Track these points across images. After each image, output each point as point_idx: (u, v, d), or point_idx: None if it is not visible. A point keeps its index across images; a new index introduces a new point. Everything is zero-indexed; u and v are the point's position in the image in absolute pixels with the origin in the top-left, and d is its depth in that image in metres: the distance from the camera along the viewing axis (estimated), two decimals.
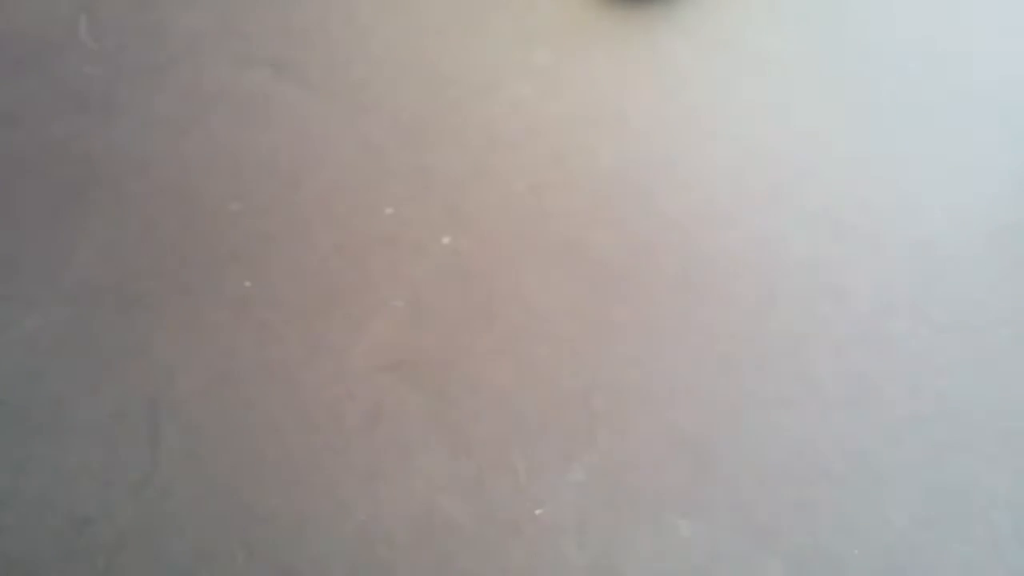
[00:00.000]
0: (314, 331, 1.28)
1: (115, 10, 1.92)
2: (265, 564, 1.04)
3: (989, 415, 1.16)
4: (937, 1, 1.90)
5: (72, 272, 1.38)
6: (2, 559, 1.05)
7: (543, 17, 1.89)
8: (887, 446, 1.13)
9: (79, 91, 1.72)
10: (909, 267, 1.35)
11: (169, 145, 1.60)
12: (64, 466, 1.13)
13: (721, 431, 1.15)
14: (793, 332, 1.27)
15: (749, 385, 1.20)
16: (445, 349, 1.26)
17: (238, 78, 1.75)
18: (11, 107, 1.69)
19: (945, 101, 1.65)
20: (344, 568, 1.03)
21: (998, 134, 1.58)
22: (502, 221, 1.44)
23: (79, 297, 1.34)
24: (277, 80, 1.74)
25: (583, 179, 1.51)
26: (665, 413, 1.18)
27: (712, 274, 1.35)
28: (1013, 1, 1.88)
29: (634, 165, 1.54)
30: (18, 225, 1.45)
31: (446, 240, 1.41)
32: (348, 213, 1.46)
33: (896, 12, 1.87)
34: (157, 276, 1.37)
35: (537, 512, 1.08)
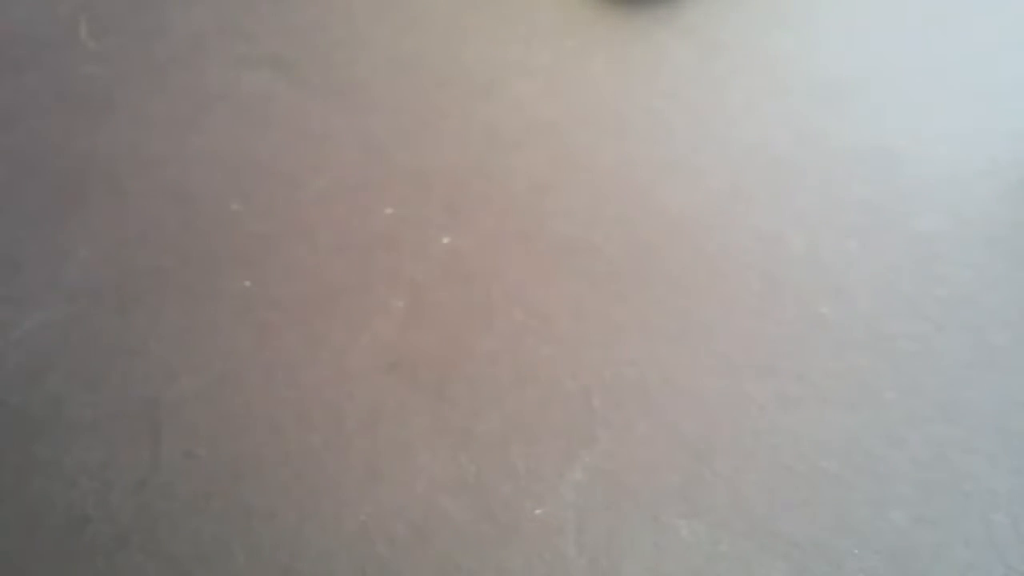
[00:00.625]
0: (314, 331, 1.28)
1: (115, 10, 1.92)
2: (265, 564, 1.04)
3: (989, 415, 1.16)
4: (937, 3, 1.90)
5: (72, 272, 1.38)
6: (2, 559, 1.05)
7: (543, 17, 1.89)
8: (887, 446, 1.13)
9: (79, 91, 1.72)
10: (909, 267, 1.35)
11: (169, 145, 1.60)
12: (64, 466, 1.13)
13: (721, 431, 1.15)
14: (793, 332, 1.27)
15: (749, 385, 1.20)
16: (445, 349, 1.26)
17: (238, 78, 1.75)
18: (11, 107, 1.69)
19: (945, 101, 1.65)
20: (344, 568, 1.03)
21: (998, 133, 1.58)
22: (502, 221, 1.44)
23: (79, 297, 1.34)
24: (277, 80, 1.74)
25: (583, 179, 1.51)
26: (665, 413, 1.18)
27: (712, 274, 1.35)
28: (1012, 5, 1.89)
29: (634, 165, 1.54)
30: (18, 225, 1.46)
31: (446, 240, 1.41)
32: (348, 213, 1.46)
33: (895, 13, 1.87)
34: (157, 276, 1.37)
35: (537, 512, 1.08)
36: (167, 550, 1.05)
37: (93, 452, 1.15)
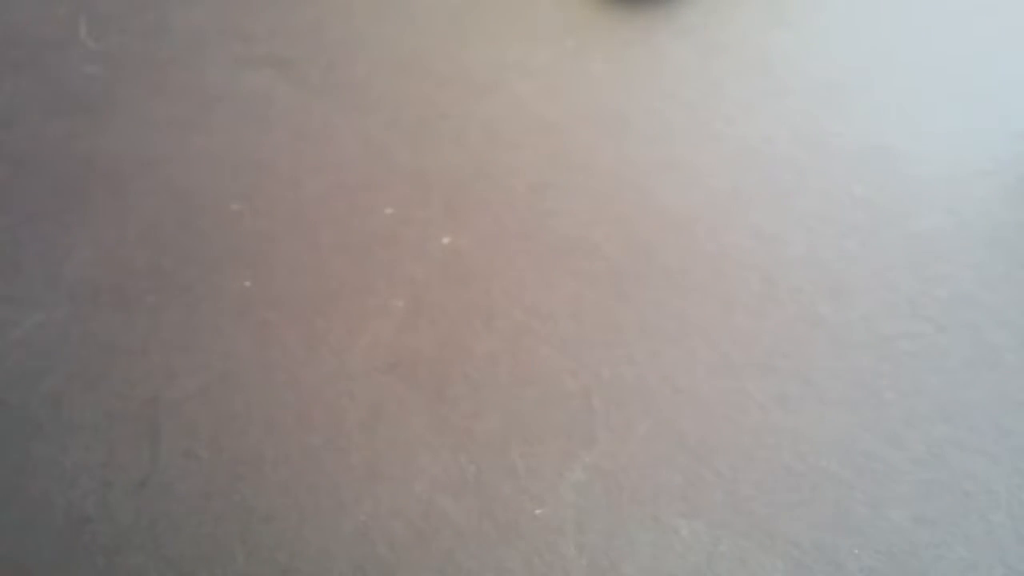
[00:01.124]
0: (314, 331, 1.28)
1: (115, 10, 1.92)
2: (265, 564, 1.04)
3: (989, 415, 1.16)
4: (937, 3, 1.90)
5: (72, 272, 1.38)
6: (2, 559, 1.05)
7: (543, 17, 1.89)
8: (887, 446, 1.13)
9: (79, 91, 1.72)
10: (909, 267, 1.35)
11: (169, 145, 1.60)
12: (64, 466, 1.13)
13: (721, 431, 1.15)
14: (793, 332, 1.27)
15: (749, 385, 1.20)
16: (445, 349, 1.26)
17: (238, 78, 1.75)
18: (11, 107, 1.69)
19: (946, 101, 1.65)
20: (344, 568, 1.03)
21: (998, 134, 1.58)
22: (502, 221, 1.44)
23: (79, 297, 1.34)
24: (277, 80, 1.74)
25: (583, 179, 1.51)
26: (665, 413, 1.17)
27: (712, 274, 1.35)
28: (1012, 5, 1.89)
29: (634, 165, 1.54)
30: (18, 225, 1.46)
31: (446, 240, 1.41)
32: (348, 213, 1.46)
33: (897, 13, 1.87)
34: (157, 276, 1.37)
35: (537, 512, 1.08)
36: (167, 550, 1.05)
37: (93, 452, 1.15)
